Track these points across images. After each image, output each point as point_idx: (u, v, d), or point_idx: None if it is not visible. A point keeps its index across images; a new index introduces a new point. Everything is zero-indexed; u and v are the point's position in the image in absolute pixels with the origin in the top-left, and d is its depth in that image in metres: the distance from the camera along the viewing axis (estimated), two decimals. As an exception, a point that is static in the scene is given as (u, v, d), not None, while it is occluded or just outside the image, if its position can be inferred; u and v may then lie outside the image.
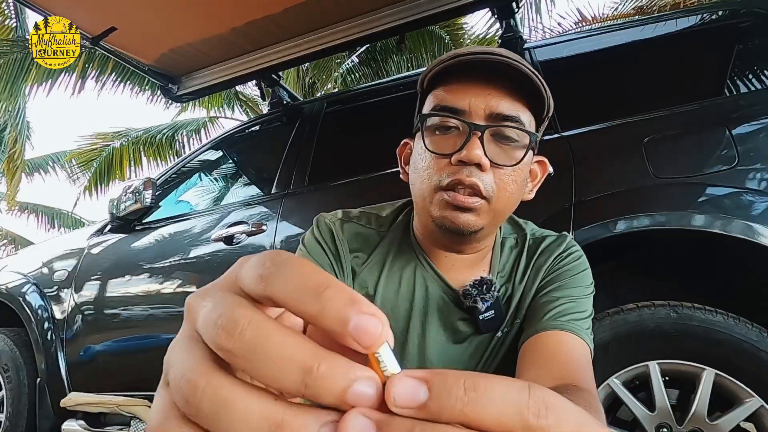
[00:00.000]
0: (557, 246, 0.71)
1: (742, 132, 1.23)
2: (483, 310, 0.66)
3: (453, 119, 0.60)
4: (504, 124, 0.59)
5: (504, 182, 0.60)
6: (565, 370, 0.56)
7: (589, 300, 0.68)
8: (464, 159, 0.58)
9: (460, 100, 0.59)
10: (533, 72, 0.58)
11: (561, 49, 1.70)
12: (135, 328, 1.92)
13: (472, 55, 0.58)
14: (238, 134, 2.31)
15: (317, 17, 1.94)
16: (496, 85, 0.59)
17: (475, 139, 0.58)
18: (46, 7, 1.78)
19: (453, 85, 0.61)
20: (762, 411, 1.10)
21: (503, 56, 0.57)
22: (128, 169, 6.87)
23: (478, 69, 0.59)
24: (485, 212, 0.60)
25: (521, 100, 0.60)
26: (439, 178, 0.60)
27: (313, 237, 0.71)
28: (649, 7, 5.10)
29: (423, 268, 0.69)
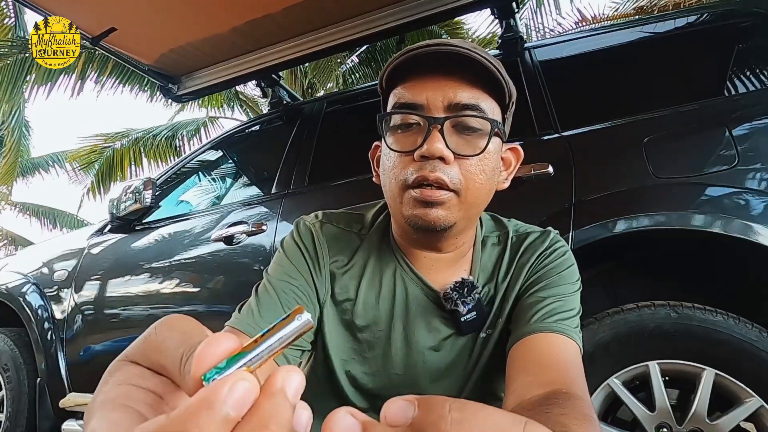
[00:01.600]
0: (541, 243, 0.70)
1: (742, 132, 1.23)
2: (464, 313, 0.65)
3: (412, 115, 0.59)
4: (463, 114, 0.58)
5: (471, 173, 0.59)
6: (554, 374, 0.55)
7: (576, 297, 0.67)
8: (426, 154, 0.57)
9: (417, 95, 0.59)
10: (487, 59, 0.57)
11: (561, 49, 1.71)
12: (135, 328, 1.92)
13: (423, 48, 0.57)
14: (238, 134, 2.31)
15: (317, 17, 1.94)
16: (453, 76, 0.58)
17: (435, 132, 0.57)
18: (46, 7, 1.78)
19: (410, 82, 0.60)
20: (762, 411, 1.10)
21: (455, 46, 0.56)
22: (129, 169, 6.88)
23: (433, 62, 0.58)
24: (455, 205, 0.60)
25: (481, 88, 0.59)
26: (405, 176, 0.59)
27: (293, 240, 0.71)
28: (649, 6, 5.10)
29: (403, 270, 0.69)
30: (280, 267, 0.68)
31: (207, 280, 1.77)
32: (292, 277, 0.67)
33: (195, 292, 1.78)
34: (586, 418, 0.46)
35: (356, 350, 0.69)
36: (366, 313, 0.68)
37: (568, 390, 0.52)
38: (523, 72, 1.61)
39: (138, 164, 6.93)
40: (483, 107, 0.59)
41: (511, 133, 0.67)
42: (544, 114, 1.48)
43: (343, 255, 0.70)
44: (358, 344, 0.69)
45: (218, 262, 1.76)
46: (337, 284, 0.69)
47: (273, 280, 0.66)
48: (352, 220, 0.74)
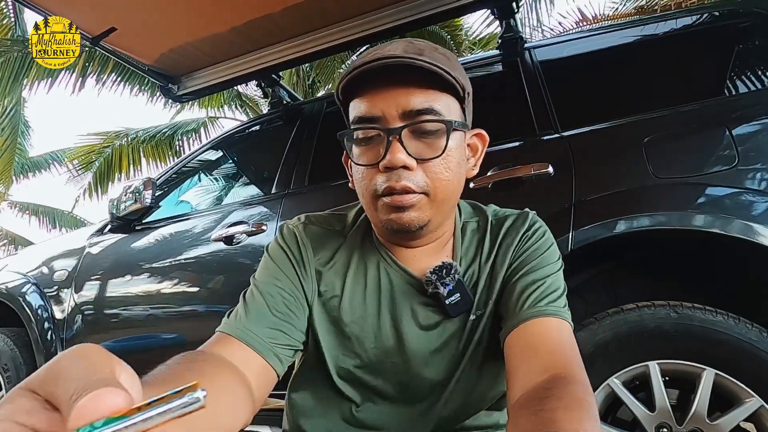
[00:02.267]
0: (522, 224, 0.71)
1: (742, 132, 1.23)
2: (446, 295, 0.66)
3: (369, 129, 0.61)
4: (418, 120, 0.59)
5: (436, 173, 0.61)
6: (553, 358, 0.56)
7: (560, 275, 0.69)
8: (389, 165, 0.59)
9: (373, 108, 0.60)
10: (433, 63, 0.58)
11: (561, 49, 1.71)
12: (135, 328, 1.92)
13: (370, 63, 0.58)
14: (238, 134, 2.31)
15: (317, 17, 1.94)
16: (404, 83, 0.59)
17: (395, 142, 0.59)
18: (46, 7, 1.78)
19: (364, 94, 0.61)
20: (762, 411, 1.10)
21: (400, 57, 0.57)
22: (128, 169, 6.88)
23: (384, 72, 0.59)
24: (426, 205, 0.62)
25: (433, 88, 0.60)
26: (375, 186, 0.62)
27: (277, 244, 0.73)
28: (649, 6, 5.10)
29: (386, 263, 0.71)
30: (266, 271, 0.70)
31: (207, 280, 1.77)
32: (279, 279, 0.68)
33: (195, 292, 1.79)
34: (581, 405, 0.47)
35: (347, 346, 0.70)
36: (353, 309, 0.70)
37: (565, 374, 0.53)
38: (523, 72, 1.61)
39: (137, 164, 6.93)
40: (437, 108, 0.60)
41: (512, 133, 0.67)
42: (544, 114, 1.48)
43: (327, 253, 0.72)
44: (348, 340, 0.70)
45: (218, 262, 1.76)
46: (323, 282, 0.71)
47: (260, 284, 0.68)
48: (334, 220, 0.76)
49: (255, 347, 0.61)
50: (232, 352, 0.59)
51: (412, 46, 0.60)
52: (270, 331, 0.63)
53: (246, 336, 0.61)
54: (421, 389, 0.70)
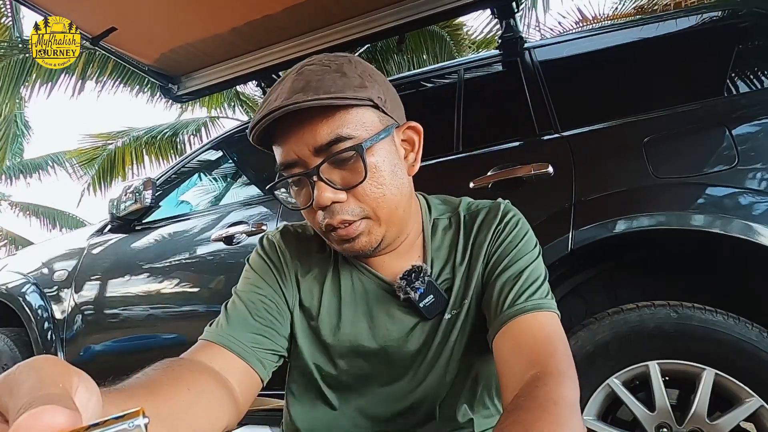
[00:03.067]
0: (494, 218, 0.70)
1: (742, 132, 1.23)
2: (418, 298, 0.66)
3: (290, 176, 0.62)
4: (330, 154, 0.58)
5: (368, 194, 0.60)
6: (538, 355, 0.56)
7: (539, 263, 0.67)
8: (318, 206, 0.60)
9: (286, 154, 0.60)
10: (316, 98, 0.56)
11: (561, 49, 1.71)
12: (135, 328, 1.92)
13: (259, 122, 0.58)
14: (238, 134, 2.31)
15: (317, 17, 1.94)
16: (305, 119, 0.58)
17: (318, 183, 0.58)
18: (46, 7, 1.78)
19: (278, 140, 0.62)
20: (762, 411, 1.10)
21: (280, 107, 0.56)
22: (130, 168, 6.88)
23: (283, 117, 0.57)
24: (373, 226, 0.62)
25: (330, 116, 0.58)
26: (318, 224, 0.62)
27: (258, 255, 0.74)
28: (649, 6, 5.10)
29: (359, 271, 0.71)
30: (247, 281, 0.71)
31: (207, 280, 1.77)
32: (260, 287, 0.69)
33: (195, 292, 1.78)
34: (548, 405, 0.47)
35: (326, 354, 0.71)
36: (330, 319, 0.70)
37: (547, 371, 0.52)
38: (523, 72, 1.61)
39: (140, 162, 6.94)
40: (345, 133, 0.58)
41: (512, 133, 0.67)
42: (544, 114, 1.48)
43: (306, 262, 0.73)
44: (327, 349, 0.70)
45: (218, 262, 1.76)
46: (303, 290, 0.71)
47: (241, 293, 0.69)
48: (312, 229, 0.76)
49: (237, 352, 0.61)
50: (212, 358, 0.60)
51: (300, 80, 0.59)
52: (252, 336, 0.64)
53: (227, 341, 0.62)
54: (403, 392, 0.70)
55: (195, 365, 0.56)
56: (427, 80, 1.88)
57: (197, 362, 0.57)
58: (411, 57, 5.84)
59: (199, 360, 0.58)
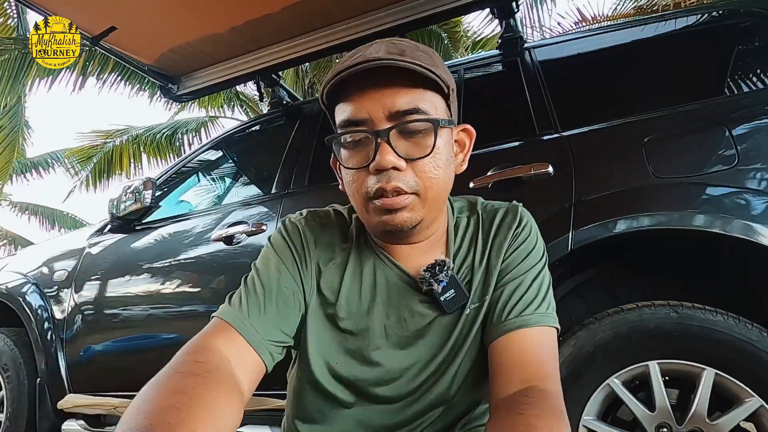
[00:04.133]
0: (513, 220, 0.72)
1: (742, 132, 1.23)
2: (441, 291, 0.67)
3: (356, 132, 0.62)
4: (404, 120, 0.60)
5: (425, 172, 0.61)
6: (531, 370, 0.60)
7: (546, 271, 0.71)
8: (378, 167, 0.60)
9: (359, 111, 0.60)
10: (414, 62, 0.58)
11: (561, 49, 1.71)
12: (135, 328, 1.92)
13: (352, 66, 0.58)
14: (238, 134, 2.31)
15: (317, 17, 1.94)
16: (388, 84, 0.59)
17: (383, 144, 0.59)
18: (46, 7, 1.78)
19: (349, 96, 0.62)
20: (762, 411, 1.10)
21: (380, 59, 0.58)
22: (129, 166, 6.88)
23: (367, 75, 0.59)
24: (418, 205, 0.62)
25: (418, 86, 0.61)
26: (366, 189, 0.62)
27: (281, 235, 0.74)
28: (648, 6, 5.10)
29: (382, 262, 0.71)
30: (268, 262, 0.71)
31: (207, 280, 1.77)
32: (280, 272, 0.69)
33: (195, 292, 1.78)
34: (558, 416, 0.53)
35: (341, 342, 0.71)
36: (349, 305, 0.71)
37: (543, 387, 0.58)
38: (523, 72, 1.61)
39: (138, 161, 6.93)
40: (423, 107, 0.60)
41: (511, 133, 0.67)
42: (544, 114, 1.48)
43: (328, 249, 0.73)
44: (343, 336, 0.71)
45: (218, 262, 1.76)
46: (323, 278, 0.71)
47: (262, 275, 0.69)
48: (335, 217, 0.77)
49: (252, 343, 0.62)
50: (229, 345, 0.60)
51: (394, 47, 0.61)
52: (267, 327, 0.64)
53: (246, 330, 0.62)
54: (415, 386, 0.70)
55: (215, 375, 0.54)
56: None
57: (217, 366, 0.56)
58: (411, 57, 5.81)
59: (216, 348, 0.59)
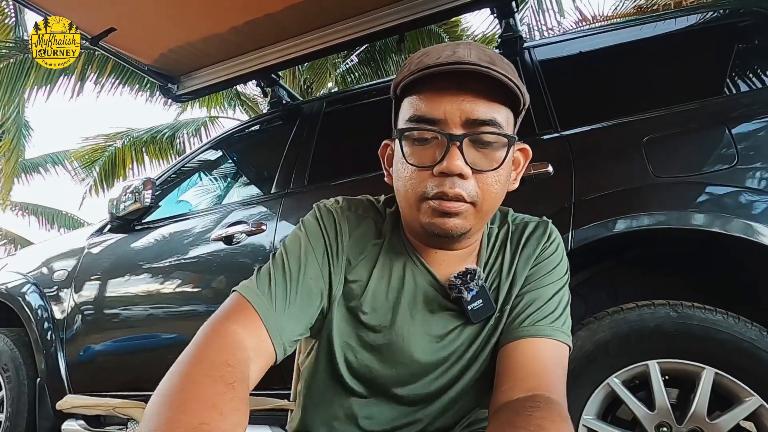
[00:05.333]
0: (542, 234, 0.72)
1: (742, 131, 1.23)
2: (470, 300, 0.67)
3: (430, 131, 0.60)
4: (481, 131, 0.59)
5: (488, 185, 0.61)
6: (538, 379, 0.60)
7: (566, 288, 0.71)
8: (445, 171, 0.58)
9: (435, 110, 0.59)
10: (505, 74, 0.57)
11: (561, 49, 1.71)
12: (135, 328, 1.92)
13: (440, 66, 0.57)
14: (238, 134, 2.31)
15: (317, 17, 1.94)
16: (469, 89, 0.58)
17: (454, 149, 0.58)
18: (46, 7, 1.78)
19: (427, 93, 0.60)
20: (762, 410, 1.10)
21: (472, 63, 0.57)
22: (131, 168, 6.88)
23: (451, 76, 0.58)
24: (471, 215, 0.62)
25: (497, 99, 0.60)
26: (423, 189, 0.61)
27: (315, 219, 0.72)
28: (648, 6, 5.10)
29: (413, 264, 0.71)
30: (298, 247, 0.68)
31: (207, 280, 1.77)
32: (308, 261, 0.67)
33: (195, 292, 1.78)
34: (563, 419, 0.54)
35: (361, 337, 0.70)
36: (374, 300, 0.70)
37: (548, 395, 0.58)
38: (523, 71, 1.61)
39: (140, 163, 6.93)
40: (499, 121, 0.60)
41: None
42: (544, 114, 1.48)
43: (360, 242, 0.72)
44: (364, 331, 0.70)
45: (218, 262, 1.76)
46: (352, 271, 0.70)
47: (291, 261, 0.66)
48: (369, 208, 0.75)
49: (272, 334, 0.60)
50: (253, 334, 0.58)
51: (484, 54, 0.59)
52: (290, 322, 0.62)
53: (269, 320, 0.60)
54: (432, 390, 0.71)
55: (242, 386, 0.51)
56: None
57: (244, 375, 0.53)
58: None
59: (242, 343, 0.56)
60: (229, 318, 0.59)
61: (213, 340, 0.55)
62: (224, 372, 0.50)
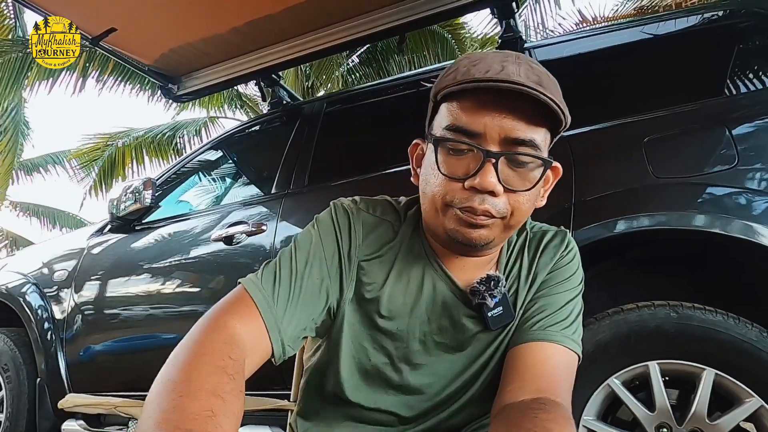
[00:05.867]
0: (560, 243, 0.72)
1: (742, 132, 1.23)
2: (492, 307, 0.66)
3: (467, 144, 0.59)
4: (519, 151, 0.58)
5: (518, 203, 0.60)
6: (545, 382, 0.60)
7: (579, 298, 0.71)
8: (477, 186, 0.58)
9: (474, 122, 0.58)
10: (552, 99, 0.57)
11: (561, 49, 1.70)
12: (135, 328, 1.92)
13: (488, 81, 0.56)
14: (238, 134, 2.31)
15: (317, 17, 1.94)
16: (512, 107, 0.58)
17: (489, 166, 0.57)
18: (46, 7, 1.78)
19: (468, 104, 0.59)
20: (762, 411, 1.10)
21: (521, 84, 0.56)
22: (131, 168, 6.88)
23: (496, 91, 0.57)
24: (498, 227, 0.61)
25: (538, 119, 0.59)
26: (452, 199, 0.60)
27: (330, 218, 0.70)
28: (649, 7, 5.10)
29: (433, 269, 0.69)
30: (309, 247, 0.67)
31: (207, 280, 1.77)
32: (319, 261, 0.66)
33: (195, 292, 1.78)
34: (568, 422, 0.55)
35: (376, 339, 0.69)
36: (391, 303, 0.69)
37: (554, 398, 0.58)
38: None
39: (140, 162, 6.94)
40: (538, 142, 0.59)
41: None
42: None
43: (376, 245, 0.70)
44: (379, 333, 0.69)
45: (218, 262, 1.76)
46: (366, 274, 0.69)
47: (299, 260, 0.65)
48: (387, 209, 0.74)
49: (270, 331, 0.59)
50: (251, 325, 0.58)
51: (533, 72, 0.59)
52: (288, 317, 0.61)
53: (268, 316, 0.59)
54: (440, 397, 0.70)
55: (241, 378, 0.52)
56: (427, 80, 1.88)
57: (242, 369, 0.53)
58: (411, 57, 5.83)
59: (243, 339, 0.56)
60: (229, 311, 0.59)
61: (214, 332, 0.55)
62: (226, 364, 0.50)
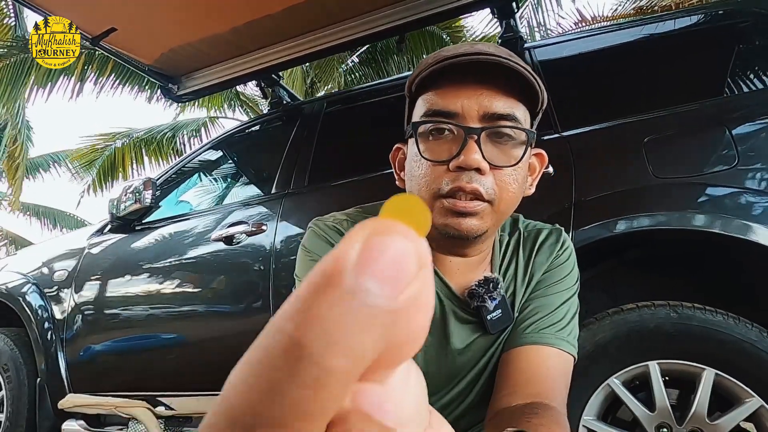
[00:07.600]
0: (555, 242, 0.71)
1: (742, 132, 1.23)
2: (491, 309, 0.65)
3: (447, 123, 0.58)
4: (500, 125, 0.57)
5: (505, 182, 0.59)
6: (539, 386, 0.59)
7: (575, 298, 0.69)
8: (462, 165, 0.56)
9: (451, 103, 0.57)
10: (525, 68, 0.56)
11: (561, 49, 1.70)
12: (135, 328, 1.92)
13: (460, 57, 0.56)
14: (238, 134, 2.31)
15: (317, 17, 1.94)
16: (487, 84, 0.57)
17: (472, 143, 0.56)
18: (46, 7, 1.78)
19: (443, 88, 0.59)
20: (762, 411, 1.10)
21: (493, 55, 0.55)
22: (130, 168, 6.89)
23: (468, 69, 0.57)
24: (488, 215, 0.59)
25: (514, 95, 0.58)
26: (438, 185, 0.58)
27: (320, 239, 0.68)
28: (648, 7, 5.10)
29: None
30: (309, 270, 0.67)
31: (207, 280, 1.77)
32: None
33: (195, 292, 1.78)
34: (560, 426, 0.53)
35: None
36: None
37: (548, 403, 0.57)
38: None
39: (140, 163, 6.94)
40: (518, 116, 0.58)
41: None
42: (544, 114, 1.47)
43: None
44: None
45: (218, 262, 1.76)
46: None
47: None
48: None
49: None
50: None
51: (504, 51, 0.58)
52: None
53: None
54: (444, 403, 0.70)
55: None
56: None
57: None
58: (411, 57, 5.83)
59: None
60: None
61: None
62: None
